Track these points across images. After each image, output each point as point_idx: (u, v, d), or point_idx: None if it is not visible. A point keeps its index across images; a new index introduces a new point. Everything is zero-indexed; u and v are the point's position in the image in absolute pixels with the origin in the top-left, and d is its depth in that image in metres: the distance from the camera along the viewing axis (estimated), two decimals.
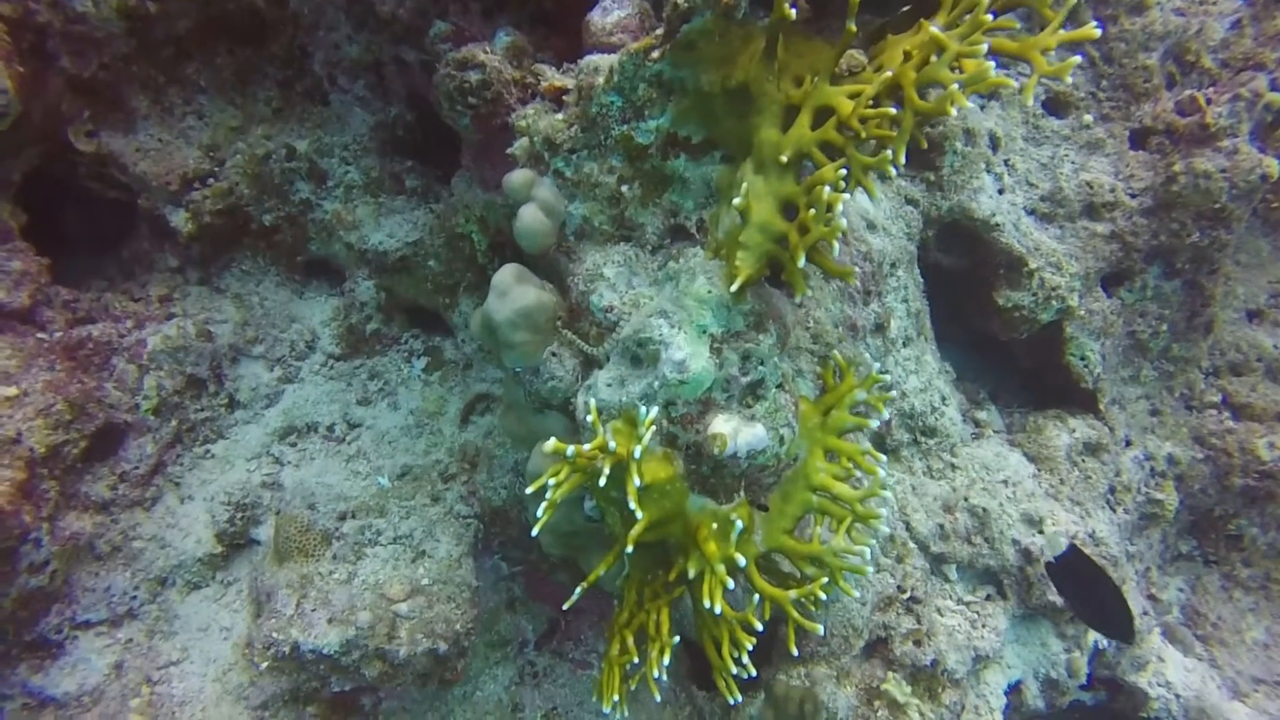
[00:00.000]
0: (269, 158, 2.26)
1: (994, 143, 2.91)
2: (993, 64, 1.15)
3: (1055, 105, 3.00)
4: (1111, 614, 2.27)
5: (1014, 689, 2.62)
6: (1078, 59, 1.22)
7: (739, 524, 1.28)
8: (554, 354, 1.55)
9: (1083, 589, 2.28)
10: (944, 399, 2.82)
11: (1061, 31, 1.20)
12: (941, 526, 2.63)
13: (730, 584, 1.25)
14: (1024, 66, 2.89)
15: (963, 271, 2.93)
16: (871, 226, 2.59)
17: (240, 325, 2.30)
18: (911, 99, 1.21)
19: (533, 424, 1.67)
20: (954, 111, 1.14)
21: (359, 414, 2.35)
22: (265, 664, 1.73)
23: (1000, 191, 2.89)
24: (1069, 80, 2.94)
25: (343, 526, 2.03)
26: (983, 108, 2.97)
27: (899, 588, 2.40)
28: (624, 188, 1.53)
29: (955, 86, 1.15)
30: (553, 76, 1.73)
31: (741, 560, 1.26)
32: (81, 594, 1.89)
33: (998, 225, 2.77)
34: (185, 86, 2.17)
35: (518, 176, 1.58)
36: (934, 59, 1.21)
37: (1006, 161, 2.95)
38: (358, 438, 2.31)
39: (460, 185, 2.01)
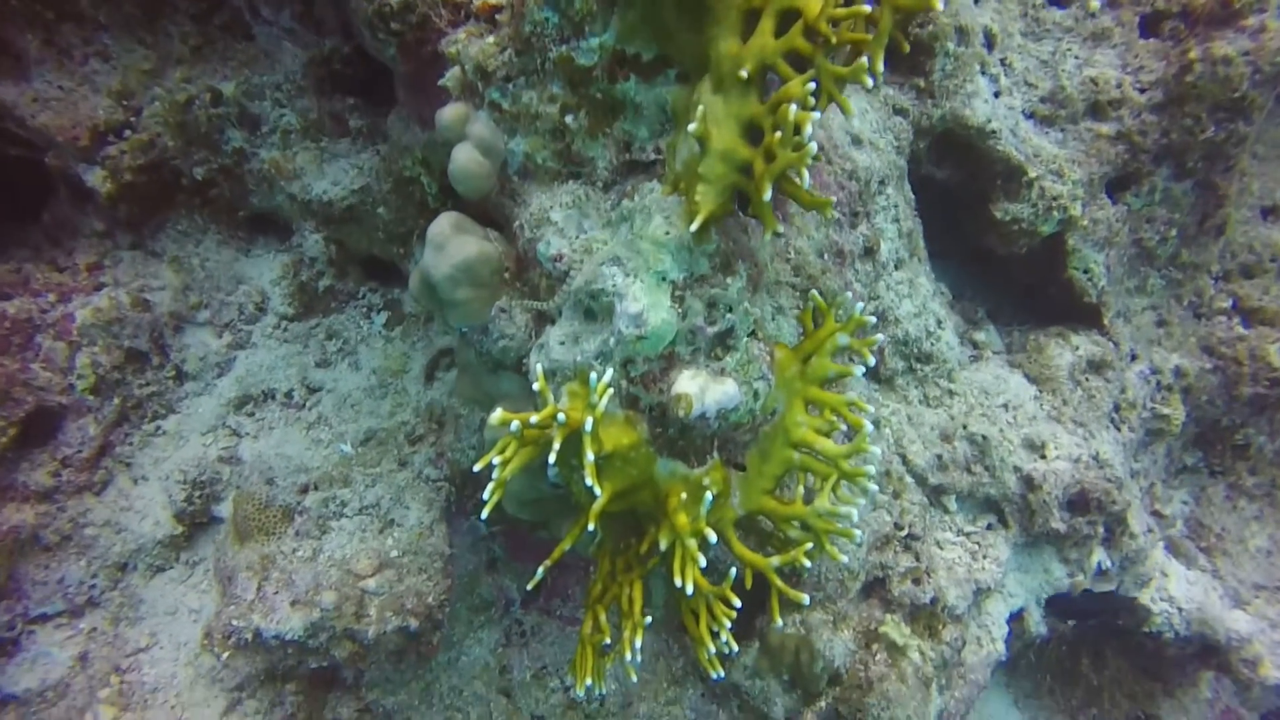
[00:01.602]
0: (192, 103, 2.05)
1: (989, 40, 2.67)
2: None
3: None
4: None
5: (1016, 617, 2.56)
6: None
7: (709, 496, 1.16)
8: (503, 310, 1.40)
9: None
10: (939, 323, 2.67)
11: None
12: (940, 457, 2.52)
13: (703, 561, 1.14)
14: None
15: (957, 184, 2.74)
16: (857, 141, 2.39)
17: (180, 291, 2.14)
18: None
19: (488, 386, 1.53)
20: (940, 5, 0.95)
21: (318, 377, 2.21)
22: (226, 654, 1.64)
23: (996, 95, 2.67)
24: None
25: (305, 500, 1.92)
26: (977, 1, 2.71)
27: (896, 525, 2.31)
28: (568, 118, 1.34)
29: None
30: None
31: (713, 537, 1.14)
32: (32, 588, 1.79)
33: (994, 133, 2.56)
34: (82, 24, 1.94)
35: (449, 112, 1.39)
36: None
37: (1003, 60, 2.71)
38: (318, 403, 2.17)
39: (397, 125, 1.81)
